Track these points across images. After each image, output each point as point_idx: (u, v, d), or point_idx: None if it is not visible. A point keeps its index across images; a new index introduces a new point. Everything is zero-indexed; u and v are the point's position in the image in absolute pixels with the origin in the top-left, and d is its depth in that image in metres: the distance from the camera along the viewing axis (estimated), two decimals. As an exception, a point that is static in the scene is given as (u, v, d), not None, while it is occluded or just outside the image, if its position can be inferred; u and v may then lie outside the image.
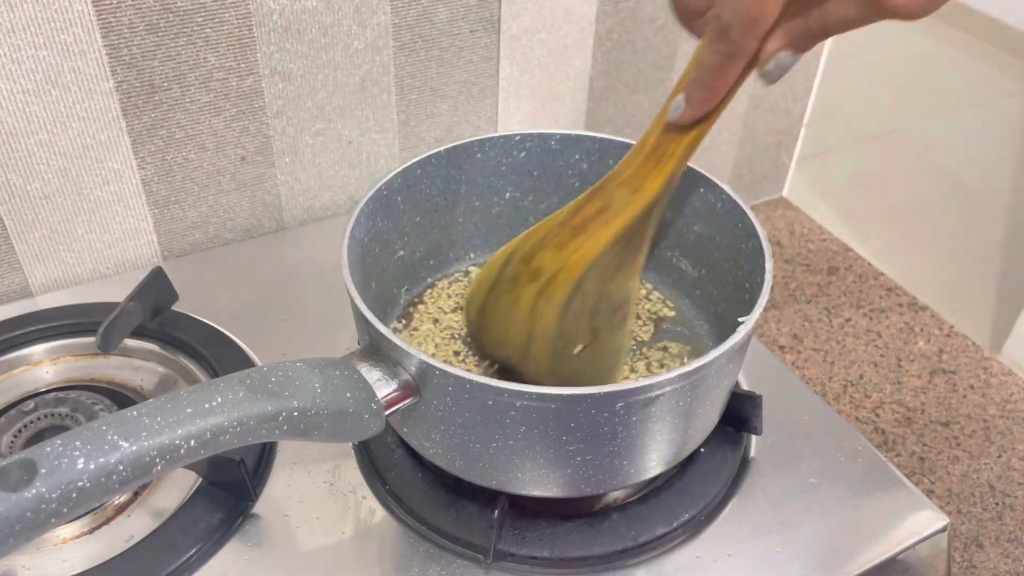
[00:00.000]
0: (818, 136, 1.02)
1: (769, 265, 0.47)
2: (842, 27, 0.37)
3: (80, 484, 0.33)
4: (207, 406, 0.37)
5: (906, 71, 2.47)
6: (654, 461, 0.46)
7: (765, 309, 0.78)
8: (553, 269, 0.46)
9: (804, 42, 0.37)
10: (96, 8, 0.56)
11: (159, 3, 0.58)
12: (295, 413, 0.39)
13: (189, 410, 0.36)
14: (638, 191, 0.44)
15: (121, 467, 0.34)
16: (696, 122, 0.41)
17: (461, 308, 0.58)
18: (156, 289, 0.59)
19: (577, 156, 0.58)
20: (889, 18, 0.35)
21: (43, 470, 0.33)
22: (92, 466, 0.34)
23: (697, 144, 0.42)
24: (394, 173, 0.53)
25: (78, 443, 0.34)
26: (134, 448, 0.35)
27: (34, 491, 0.33)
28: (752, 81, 0.41)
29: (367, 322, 0.43)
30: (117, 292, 0.59)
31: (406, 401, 0.43)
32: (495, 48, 0.72)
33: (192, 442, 0.36)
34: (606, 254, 0.45)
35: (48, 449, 0.34)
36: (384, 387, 0.42)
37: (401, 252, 0.56)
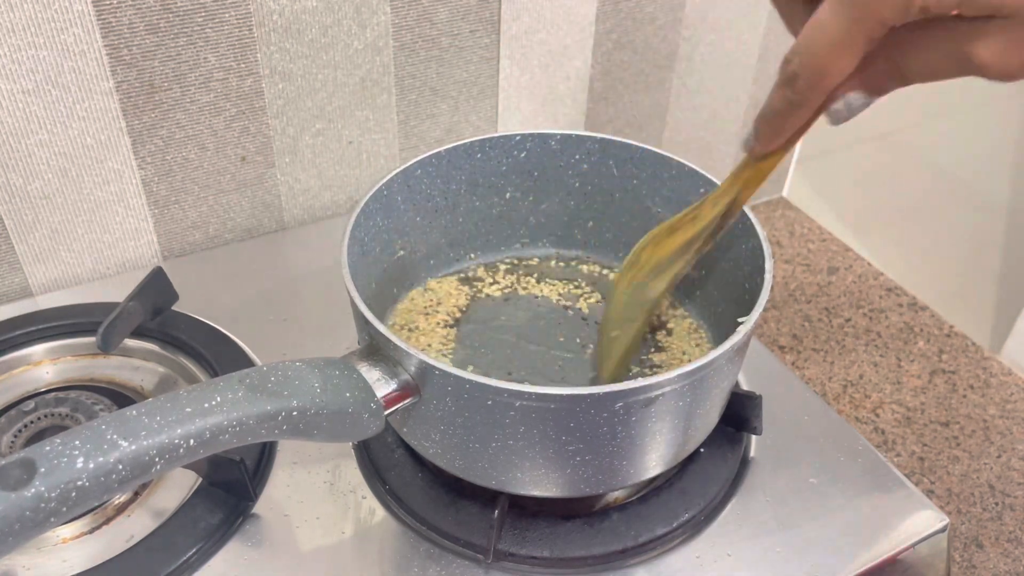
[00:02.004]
0: (818, 136, 1.02)
1: (769, 265, 0.47)
2: (924, 79, 0.35)
3: (79, 483, 0.33)
4: (206, 405, 0.37)
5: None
6: (654, 461, 0.46)
7: (765, 309, 0.78)
8: (646, 262, 0.50)
9: (880, 87, 0.36)
10: (96, 8, 0.56)
11: (159, 3, 0.58)
12: (294, 413, 0.39)
13: (188, 409, 0.36)
14: (714, 206, 0.46)
15: (120, 466, 0.34)
16: (767, 154, 0.41)
17: (462, 308, 0.58)
18: (156, 289, 0.59)
19: (577, 156, 0.58)
20: (977, 76, 0.33)
21: (42, 469, 0.33)
22: (91, 465, 0.34)
23: (768, 172, 0.42)
24: (394, 173, 0.53)
25: (77, 442, 0.34)
26: (133, 447, 0.35)
27: (33, 490, 0.33)
28: (752, 81, 0.41)
29: (367, 322, 0.43)
30: (117, 292, 0.59)
31: (406, 401, 0.43)
32: (495, 48, 0.72)
33: (191, 441, 0.36)
34: (672, 255, 0.48)
35: (47, 448, 0.34)
36: (384, 387, 0.42)
37: (401, 252, 0.56)
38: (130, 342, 0.59)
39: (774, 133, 0.38)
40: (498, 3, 0.70)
